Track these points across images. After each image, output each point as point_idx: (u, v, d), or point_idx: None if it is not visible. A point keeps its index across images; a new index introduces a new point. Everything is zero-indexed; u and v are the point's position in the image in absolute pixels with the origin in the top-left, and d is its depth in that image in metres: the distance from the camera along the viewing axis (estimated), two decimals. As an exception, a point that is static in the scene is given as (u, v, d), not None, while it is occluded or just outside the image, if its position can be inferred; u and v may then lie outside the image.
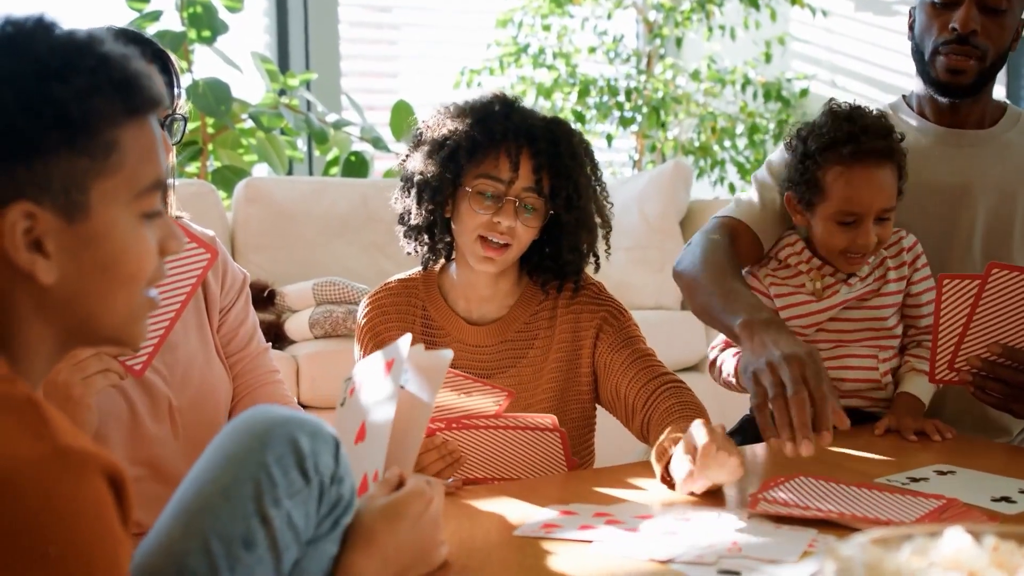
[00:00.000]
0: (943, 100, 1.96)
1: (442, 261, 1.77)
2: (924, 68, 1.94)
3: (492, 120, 1.63)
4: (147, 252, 0.89)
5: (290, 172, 4.06)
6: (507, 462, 1.54)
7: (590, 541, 1.21)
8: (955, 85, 1.91)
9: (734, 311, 1.59)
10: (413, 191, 1.67)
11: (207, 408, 1.53)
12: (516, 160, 1.61)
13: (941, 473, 1.51)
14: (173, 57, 1.49)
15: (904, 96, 2.06)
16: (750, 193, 1.95)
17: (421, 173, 1.65)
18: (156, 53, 1.46)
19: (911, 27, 1.97)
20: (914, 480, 1.46)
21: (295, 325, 3.08)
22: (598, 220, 1.71)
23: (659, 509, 1.33)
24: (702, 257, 1.78)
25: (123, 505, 0.79)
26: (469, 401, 1.51)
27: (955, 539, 0.71)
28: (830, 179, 1.77)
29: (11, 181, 0.81)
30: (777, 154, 1.98)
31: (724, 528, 1.24)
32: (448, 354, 1.26)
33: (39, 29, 0.85)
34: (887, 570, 0.69)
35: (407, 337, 1.21)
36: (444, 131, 1.65)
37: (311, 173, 4.32)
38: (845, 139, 1.76)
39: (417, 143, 1.70)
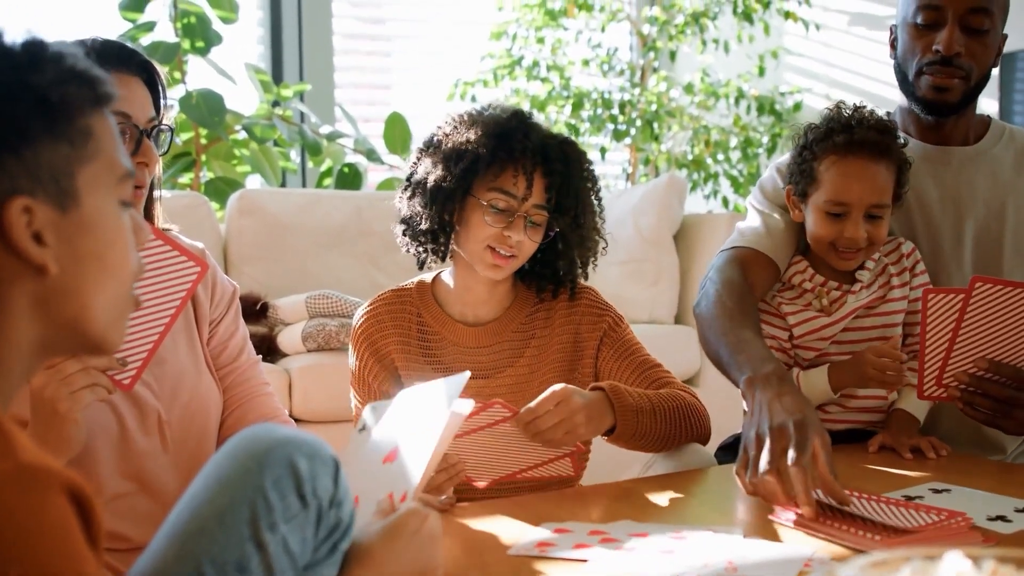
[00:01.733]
0: (928, 118, 1.95)
1: (433, 273, 1.79)
2: (908, 87, 1.94)
3: (511, 137, 1.65)
4: (129, 241, 0.91)
5: (283, 184, 4.05)
6: (510, 458, 1.53)
7: (585, 560, 1.20)
8: (940, 103, 1.90)
9: (739, 365, 1.59)
10: (421, 195, 1.69)
11: (197, 421, 1.52)
12: (531, 178, 1.64)
13: (936, 491, 1.50)
14: (160, 68, 1.48)
15: (888, 113, 2.06)
16: (751, 220, 1.95)
17: (434, 179, 1.67)
18: (142, 64, 1.45)
19: (892, 45, 1.97)
20: (909, 499, 1.45)
21: (288, 338, 3.06)
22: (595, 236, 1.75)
23: (655, 528, 1.32)
24: (716, 300, 1.78)
25: (90, 523, 0.76)
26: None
27: (954, 563, 0.70)
28: (823, 168, 1.80)
29: (4, 174, 0.82)
30: (768, 178, 1.98)
31: (720, 547, 1.23)
32: (465, 375, 1.25)
33: None
34: (886, 594, 0.68)
35: (466, 374, 1.23)
36: (462, 141, 1.66)
37: (304, 185, 4.31)
38: (840, 129, 1.79)
39: (430, 148, 1.71)
